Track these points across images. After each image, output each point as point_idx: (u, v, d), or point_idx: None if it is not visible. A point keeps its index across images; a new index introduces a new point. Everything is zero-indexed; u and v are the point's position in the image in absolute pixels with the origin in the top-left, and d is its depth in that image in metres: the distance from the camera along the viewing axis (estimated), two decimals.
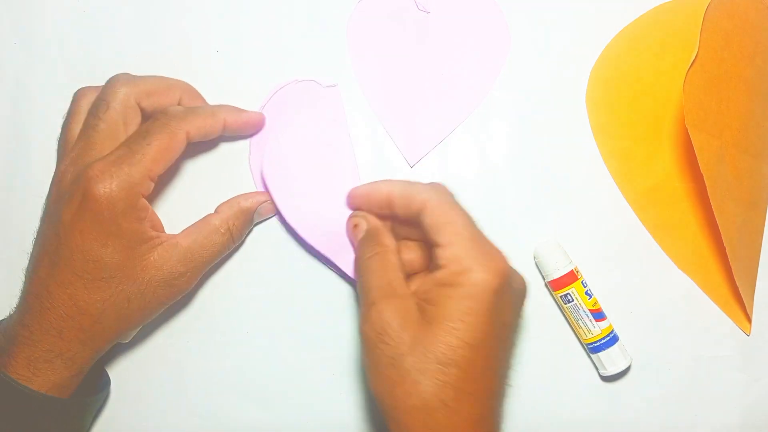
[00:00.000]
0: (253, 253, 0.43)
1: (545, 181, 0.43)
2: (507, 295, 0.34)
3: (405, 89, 0.43)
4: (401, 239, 0.39)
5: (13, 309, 0.38)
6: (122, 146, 0.36)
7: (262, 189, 0.43)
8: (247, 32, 0.44)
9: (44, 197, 0.43)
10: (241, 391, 0.43)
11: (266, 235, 0.43)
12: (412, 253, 0.38)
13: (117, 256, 0.36)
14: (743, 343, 0.43)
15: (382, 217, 0.39)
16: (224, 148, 0.43)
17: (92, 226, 0.35)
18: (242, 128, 0.42)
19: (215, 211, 0.40)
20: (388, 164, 0.43)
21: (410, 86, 0.43)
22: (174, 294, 0.39)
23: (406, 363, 0.32)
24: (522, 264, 0.43)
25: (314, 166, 0.43)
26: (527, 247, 0.43)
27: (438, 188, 0.37)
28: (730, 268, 0.40)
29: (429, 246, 0.36)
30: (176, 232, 0.39)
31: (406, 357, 0.32)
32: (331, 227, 0.41)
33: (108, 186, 0.35)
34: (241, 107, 0.42)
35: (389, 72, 0.43)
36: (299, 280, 0.43)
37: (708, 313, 0.43)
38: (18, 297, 0.38)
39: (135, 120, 0.39)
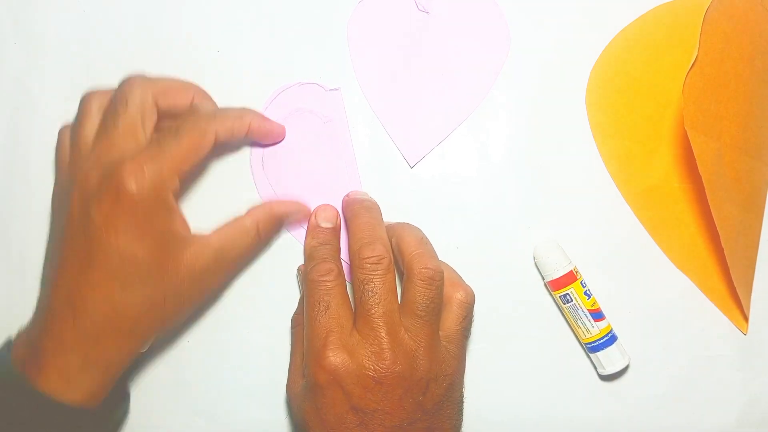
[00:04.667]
0: None
1: (545, 181, 0.43)
2: None
3: (405, 89, 0.43)
4: None
5: (28, 304, 0.37)
6: (153, 144, 0.36)
7: (262, 189, 0.43)
8: (248, 32, 0.44)
9: (44, 197, 0.43)
10: (241, 391, 0.43)
11: None
12: None
13: (152, 255, 0.35)
14: (740, 342, 0.44)
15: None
16: (225, 148, 0.43)
17: (127, 224, 0.34)
18: (266, 136, 0.42)
19: (247, 213, 0.40)
20: (388, 164, 0.43)
21: (410, 86, 0.43)
22: (206, 293, 0.38)
23: None
24: (521, 264, 0.43)
25: (315, 168, 0.43)
26: (526, 247, 0.43)
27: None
28: (728, 267, 0.40)
29: None
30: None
31: None
32: None
33: (141, 183, 0.34)
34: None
35: (389, 72, 0.43)
36: (297, 280, 0.43)
37: (706, 312, 0.44)
38: (34, 304, 0.37)
39: (152, 119, 0.38)
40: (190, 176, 0.39)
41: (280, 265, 0.43)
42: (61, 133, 0.40)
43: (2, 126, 0.44)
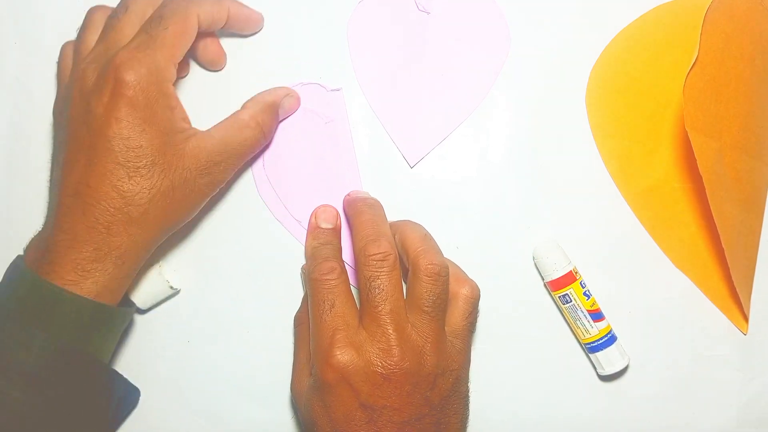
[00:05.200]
0: (253, 253, 0.43)
1: (544, 181, 0.43)
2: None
3: (405, 89, 0.43)
4: None
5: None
6: (141, 33, 0.37)
7: (263, 189, 0.43)
8: (248, 32, 0.44)
9: (44, 196, 0.44)
10: (241, 391, 0.43)
11: (267, 234, 0.43)
12: None
13: (156, 142, 0.35)
14: (740, 342, 0.44)
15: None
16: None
17: (128, 112, 0.35)
18: (245, 21, 0.42)
19: (242, 108, 0.40)
20: (388, 164, 0.44)
21: (410, 86, 0.43)
22: (213, 184, 0.39)
23: None
24: (521, 264, 0.43)
25: (316, 168, 0.43)
26: (526, 247, 0.43)
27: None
28: (728, 268, 0.40)
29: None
30: None
31: None
32: None
33: (137, 71, 0.35)
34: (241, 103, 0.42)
35: (389, 72, 0.43)
36: (300, 280, 0.43)
37: (706, 312, 0.44)
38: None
39: None
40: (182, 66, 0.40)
41: (280, 265, 0.43)
42: (62, 48, 0.41)
43: (2, 125, 0.44)
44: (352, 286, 0.40)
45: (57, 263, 0.35)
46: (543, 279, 0.43)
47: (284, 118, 0.43)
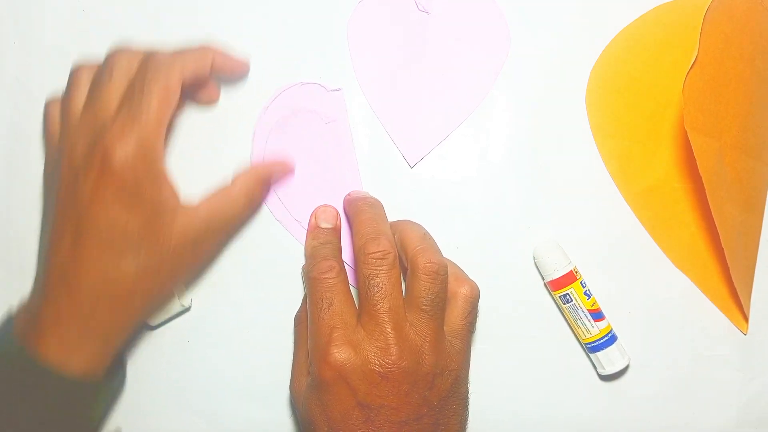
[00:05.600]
0: (253, 253, 0.43)
1: (545, 181, 0.43)
2: None
3: (405, 89, 0.43)
4: None
5: (23, 299, 0.37)
6: (124, 109, 0.35)
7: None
8: (248, 32, 0.44)
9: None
10: (241, 391, 0.43)
11: (267, 234, 0.43)
12: None
13: (143, 224, 0.35)
14: (740, 342, 0.44)
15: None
16: (226, 149, 0.43)
17: (115, 194, 0.34)
18: (230, 71, 0.41)
19: (233, 182, 0.40)
20: (388, 164, 0.43)
21: (410, 86, 0.43)
22: (201, 260, 0.39)
23: None
24: (521, 264, 0.43)
25: (316, 168, 0.43)
26: (526, 247, 0.43)
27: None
28: (728, 268, 0.40)
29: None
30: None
31: None
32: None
33: (125, 150, 0.34)
34: (244, 106, 0.42)
35: (389, 72, 0.43)
36: (300, 280, 0.43)
37: (706, 312, 0.44)
38: (31, 282, 0.37)
39: None
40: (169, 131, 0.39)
41: (280, 265, 0.43)
42: (47, 106, 0.40)
43: (2, 125, 0.44)
44: (351, 287, 0.40)
45: (43, 339, 0.35)
46: (543, 279, 0.43)
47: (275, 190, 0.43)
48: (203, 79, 0.40)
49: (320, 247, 0.40)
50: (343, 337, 0.35)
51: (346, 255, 0.42)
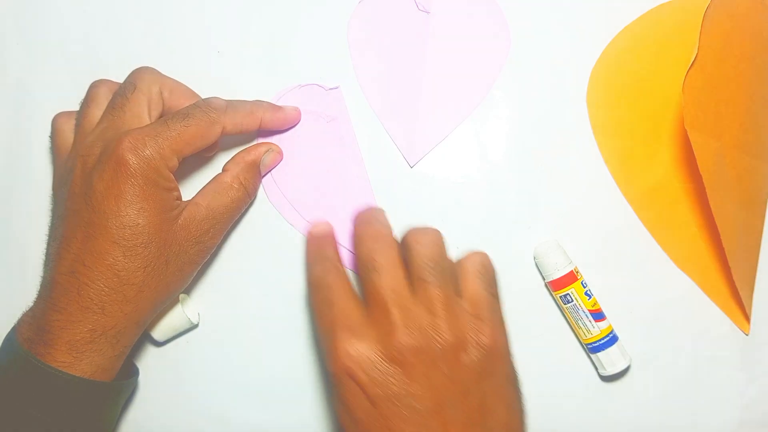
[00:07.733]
0: (254, 252, 0.43)
1: (545, 181, 0.43)
2: None
3: (405, 89, 0.43)
4: None
5: (29, 303, 0.37)
6: (160, 121, 0.37)
7: (270, 191, 0.43)
8: (248, 32, 0.44)
9: (44, 197, 0.44)
10: (241, 391, 0.43)
11: (267, 234, 0.43)
12: None
13: (152, 221, 0.36)
14: (742, 343, 0.43)
15: None
16: (227, 149, 0.43)
17: (127, 191, 0.35)
18: (280, 125, 0.43)
19: (223, 170, 0.41)
20: (388, 164, 0.43)
21: (410, 86, 0.43)
22: (204, 251, 0.39)
23: None
24: (522, 264, 0.43)
25: (322, 167, 0.43)
26: (526, 247, 0.43)
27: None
28: (730, 268, 0.40)
29: None
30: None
31: None
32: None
33: (141, 153, 0.35)
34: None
35: (389, 72, 0.43)
36: (300, 280, 0.43)
37: (707, 312, 0.43)
38: (37, 286, 0.37)
39: (158, 108, 0.39)
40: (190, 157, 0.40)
41: (280, 265, 0.43)
42: (56, 120, 0.40)
43: (3, 125, 0.44)
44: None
45: (51, 344, 0.34)
46: (544, 279, 0.43)
47: (266, 173, 0.43)
48: (246, 133, 0.41)
49: (317, 251, 0.39)
50: (348, 332, 0.33)
51: (350, 257, 0.42)
